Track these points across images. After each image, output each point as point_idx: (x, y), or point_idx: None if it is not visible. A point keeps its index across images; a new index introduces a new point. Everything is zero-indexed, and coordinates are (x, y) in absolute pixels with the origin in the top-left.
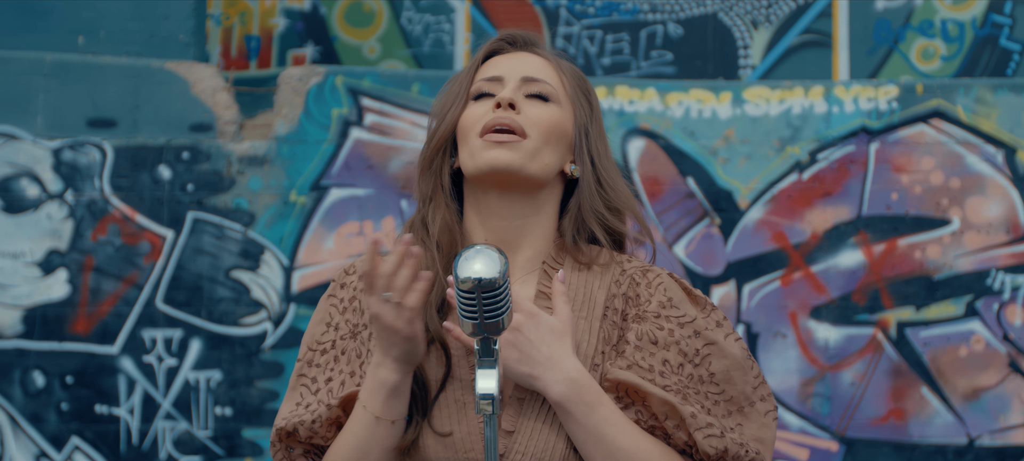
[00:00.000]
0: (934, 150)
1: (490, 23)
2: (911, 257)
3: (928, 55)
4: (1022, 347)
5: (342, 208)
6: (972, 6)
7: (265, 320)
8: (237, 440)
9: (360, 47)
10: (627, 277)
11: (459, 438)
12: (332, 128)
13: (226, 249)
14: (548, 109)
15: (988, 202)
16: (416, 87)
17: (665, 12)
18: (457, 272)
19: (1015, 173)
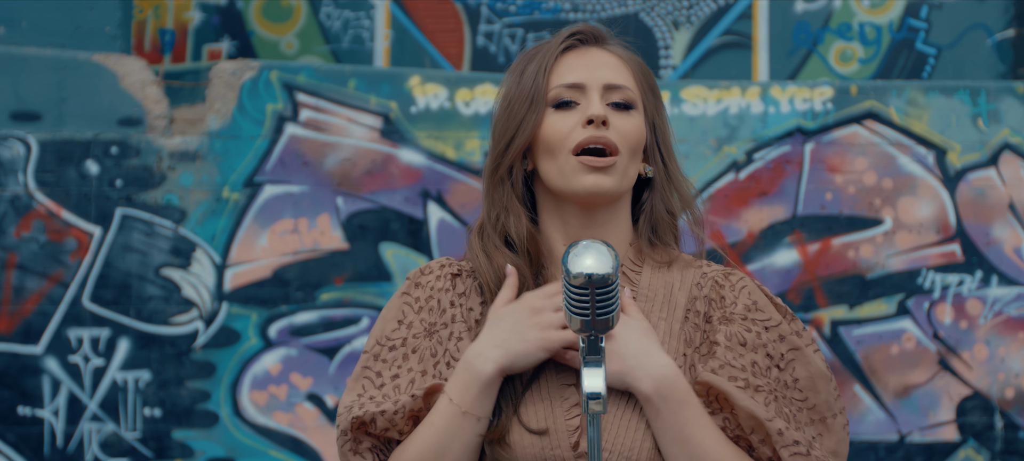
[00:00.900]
0: (867, 151)
1: (410, 20)
2: (845, 256)
3: (846, 57)
4: (951, 345)
5: (276, 205)
6: (889, 10)
7: (196, 319)
8: (167, 442)
9: (278, 42)
10: (709, 279)
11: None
12: (266, 124)
13: (156, 246)
14: (632, 119)
15: (919, 202)
16: (352, 83)
17: (586, 11)
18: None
19: (945, 174)
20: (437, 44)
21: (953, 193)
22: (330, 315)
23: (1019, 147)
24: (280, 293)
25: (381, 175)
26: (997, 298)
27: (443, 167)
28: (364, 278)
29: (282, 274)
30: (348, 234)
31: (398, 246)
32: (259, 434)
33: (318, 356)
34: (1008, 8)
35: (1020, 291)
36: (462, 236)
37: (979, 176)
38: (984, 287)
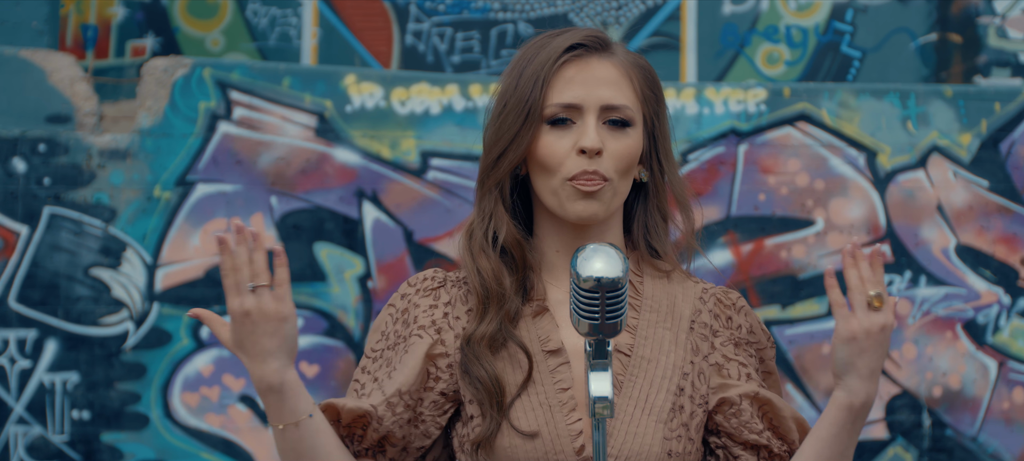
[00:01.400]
0: (800, 152)
1: (338, 18)
2: (777, 257)
3: (773, 60)
4: None
5: (209, 204)
6: (815, 13)
7: (127, 320)
8: (95, 445)
9: (203, 39)
10: (710, 296)
11: (546, 438)
12: (199, 121)
13: (85, 246)
14: (627, 138)
15: (850, 203)
16: (287, 81)
17: (516, 11)
18: (577, 271)
19: (876, 175)
20: (365, 42)
21: (883, 195)
22: None
23: (947, 150)
24: (213, 293)
25: (316, 174)
26: (925, 298)
27: (378, 166)
28: (298, 278)
29: (215, 274)
30: (282, 234)
31: (333, 246)
32: (190, 436)
33: None
34: (931, 12)
35: (948, 291)
36: (397, 236)
37: (908, 178)
38: (913, 287)
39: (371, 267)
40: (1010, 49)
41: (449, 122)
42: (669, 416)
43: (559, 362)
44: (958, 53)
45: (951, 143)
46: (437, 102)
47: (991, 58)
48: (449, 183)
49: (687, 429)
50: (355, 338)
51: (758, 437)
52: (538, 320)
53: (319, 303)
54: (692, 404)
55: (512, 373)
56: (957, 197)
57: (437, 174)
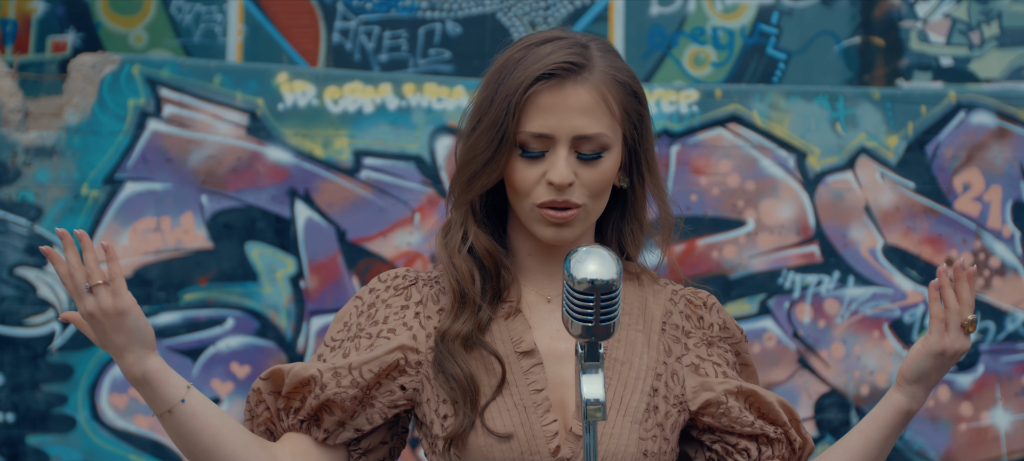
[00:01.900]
0: (731, 153)
1: (264, 15)
2: (709, 257)
3: (700, 61)
4: (810, 344)
5: (138, 203)
6: (741, 15)
7: (53, 320)
8: (20, 448)
9: (126, 35)
10: (681, 297)
11: (521, 439)
12: (128, 119)
13: (10, 245)
14: (601, 166)
15: (780, 204)
16: (218, 79)
17: (443, 10)
18: (571, 273)
19: (805, 177)
20: (292, 40)
21: (812, 195)
22: (194, 316)
23: (874, 151)
24: (142, 293)
25: (247, 173)
26: (853, 298)
27: (311, 165)
28: (229, 278)
29: (144, 274)
30: (213, 233)
31: (264, 245)
32: (119, 439)
33: (181, 358)
34: (855, 16)
35: (875, 291)
36: (330, 235)
37: (837, 179)
38: (841, 287)
39: (303, 267)
40: (931, 53)
41: (382, 121)
42: (644, 416)
43: (532, 363)
44: (881, 56)
45: (879, 145)
46: (370, 101)
47: (913, 61)
48: (382, 182)
49: (662, 429)
50: (287, 338)
51: (751, 428)
52: (511, 322)
53: (251, 303)
54: (666, 404)
55: (486, 375)
56: (884, 198)
57: (370, 173)
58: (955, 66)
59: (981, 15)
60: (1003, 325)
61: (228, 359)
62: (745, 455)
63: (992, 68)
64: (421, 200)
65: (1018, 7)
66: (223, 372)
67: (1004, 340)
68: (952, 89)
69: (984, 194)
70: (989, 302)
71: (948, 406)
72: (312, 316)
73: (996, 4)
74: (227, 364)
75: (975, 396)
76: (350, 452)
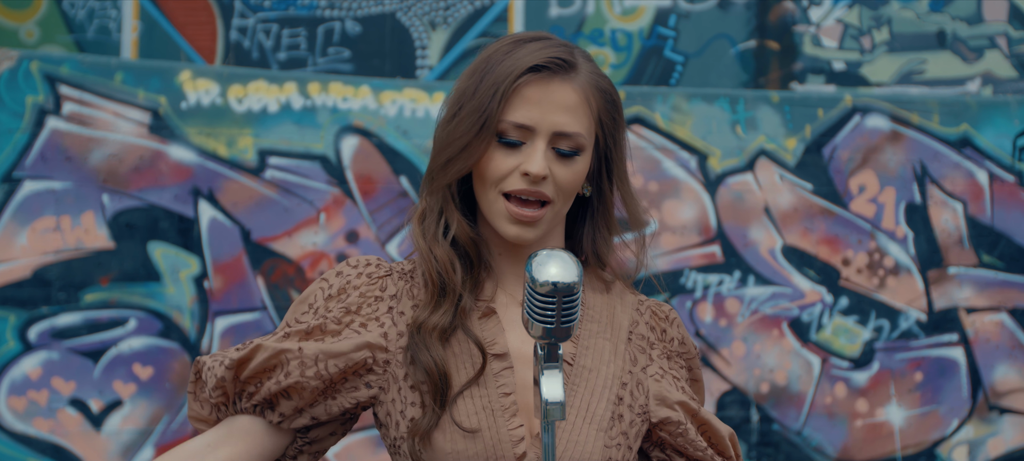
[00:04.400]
0: (634, 154)
1: (160, 12)
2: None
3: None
4: (712, 342)
5: (37, 201)
6: (639, 18)
7: None
8: None
9: (17, 30)
10: (646, 308)
11: (486, 437)
12: (26, 116)
13: None
14: (574, 166)
15: (682, 205)
16: (119, 76)
17: (343, 9)
18: (533, 275)
19: (707, 178)
20: (189, 38)
21: (714, 196)
22: (95, 317)
23: (773, 153)
24: (41, 294)
25: (150, 172)
26: (754, 297)
27: (215, 164)
28: (132, 278)
29: (43, 274)
30: (114, 232)
31: (168, 245)
32: (18, 442)
33: (82, 359)
34: (750, 20)
35: (775, 290)
36: (234, 235)
37: (737, 180)
38: (742, 287)
39: (207, 267)
40: (824, 57)
41: (287, 120)
42: (609, 425)
43: (503, 366)
44: (776, 60)
45: (777, 147)
46: (275, 100)
47: (807, 65)
48: (287, 182)
49: (626, 437)
50: (191, 339)
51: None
52: (484, 322)
53: (153, 304)
54: (631, 413)
55: (457, 370)
56: (783, 199)
57: (275, 173)
58: (847, 70)
59: (872, 21)
60: (897, 323)
61: (131, 360)
62: None
63: (883, 72)
64: (326, 200)
65: (907, 13)
66: (126, 373)
67: (898, 338)
68: (847, 93)
69: (878, 195)
70: (883, 301)
71: (844, 402)
72: (216, 317)
73: (887, 10)
74: (130, 365)
75: (870, 393)
76: (297, 438)
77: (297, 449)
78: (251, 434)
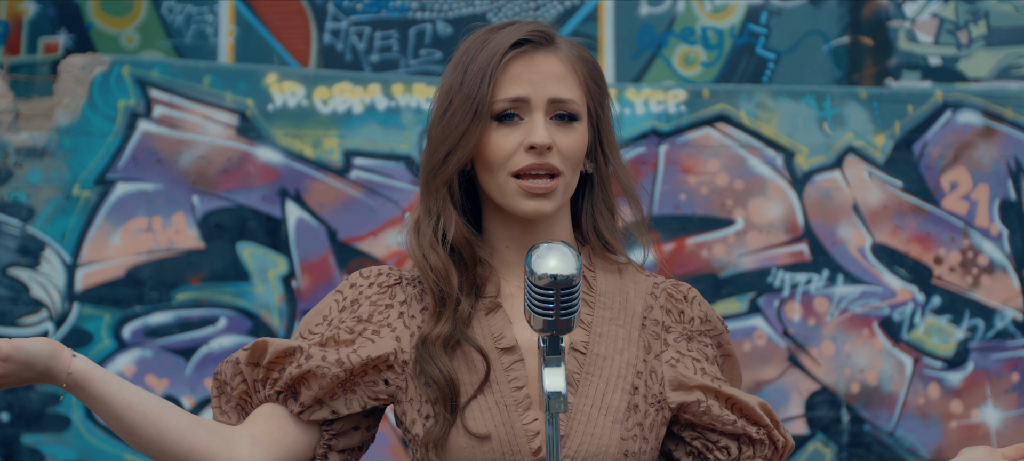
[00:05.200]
0: (719, 153)
1: (255, 16)
2: (698, 256)
3: (689, 61)
4: (800, 342)
5: (129, 203)
6: (730, 15)
7: (46, 320)
8: (16, 447)
9: (117, 36)
10: (661, 291)
11: (498, 440)
12: (118, 120)
13: (2, 245)
14: (575, 133)
15: (769, 203)
16: (208, 79)
17: (434, 10)
18: (532, 268)
19: (793, 176)
20: (283, 41)
21: (801, 194)
22: (186, 315)
23: (862, 150)
24: (134, 293)
25: (237, 173)
26: (843, 296)
27: (301, 165)
28: (221, 278)
29: (136, 274)
30: (204, 233)
31: (256, 245)
32: (113, 438)
33: (174, 357)
34: (843, 16)
35: (864, 289)
36: (321, 235)
37: (825, 178)
38: (830, 285)
39: (295, 266)
40: (919, 52)
41: (372, 121)
42: (625, 415)
43: (513, 359)
44: (870, 56)
45: (866, 144)
46: (359, 101)
47: (901, 61)
48: (372, 182)
49: (642, 428)
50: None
51: (733, 427)
52: (491, 317)
53: (243, 303)
54: (646, 403)
55: (467, 373)
56: (872, 197)
57: (360, 173)
58: (943, 65)
59: (969, 15)
60: (992, 323)
61: (221, 358)
62: (725, 453)
63: (980, 67)
64: (411, 199)
65: (1005, 7)
66: None
67: (993, 338)
68: (938, 88)
69: (971, 192)
70: (978, 300)
71: (938, 403)
72: (304, 315)
73: (983, 4)
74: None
75: (965, 394)
76: (322, 433)
77: (325, 446)
78: (276, 420)
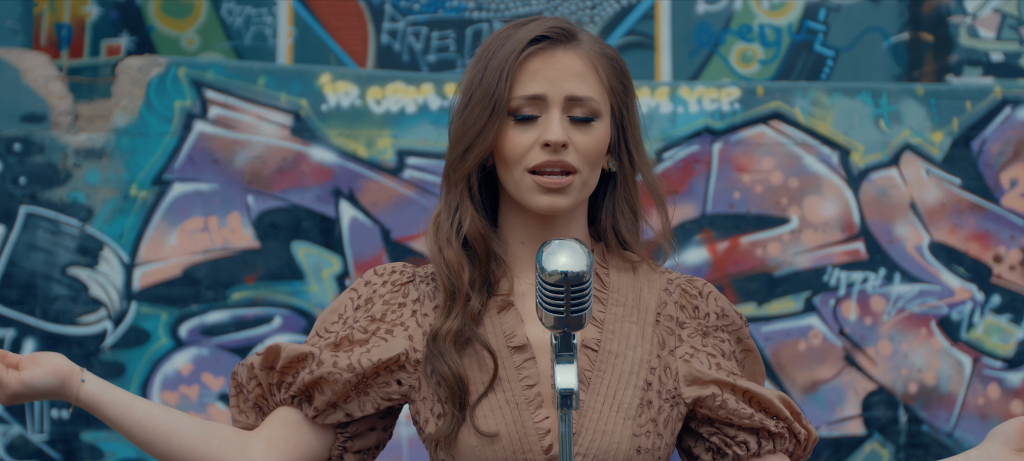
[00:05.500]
0: (774, 151)
1: (313, 17)
2: (753, 254)
3: (747, 59)
4: (857, 341)
5: (186, 203)
6: (788, 12)
7: (104, 319)
8: (75, 444)
9: (178, 38)
10: (676, 287)
11: (507, 439)
12: (174, 121)
13: (62, 245)
14: (594, 132)
15: (824, 201)
16: (262, 80)
17: (491, 10)
18: (542, 265)
19: (849, 173)
20: (341, 42)
21: (857, 192)
22: (242, 314)
23: (919, 147)
24: (190, 292)
25: (292, 173)
26: (900, 295)
27: (355, 165)
28: (276, 277)
29: (192, 273)
30: (259, 232)
31: (310, 244)
32: None
33: (230, 355)
34: (903, 12)
35: (922, 288)
36: (375, 235)
37: (881, 176)
38: (887, 284)
39: (349, 265)
40: (981, 48)
41: (425, 121)
42: (637, 412)
43: (524, 358)
44: (930, 52)
45: (923, 141)
46: (412, 101)
47: (962, 57)
48: (425, 182)
49: (656, 424)
50: None
51: (751, 421)
52: (503, 315)
53: (297, 301)
54: (660, 399)
55: (478, 372)
56: (930, 195)
57: (413, 173)
58: (1006, 61)
59: None
60: None
61: None
62: (744, 447)
63: None
64: None
65: None
66: None
67: None
68: (998, 84)
69: None
70: None
71: (998, 404)
72: None
73: None
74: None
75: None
76: (338, 435)
77: (340, 447)
78: (291, 423)
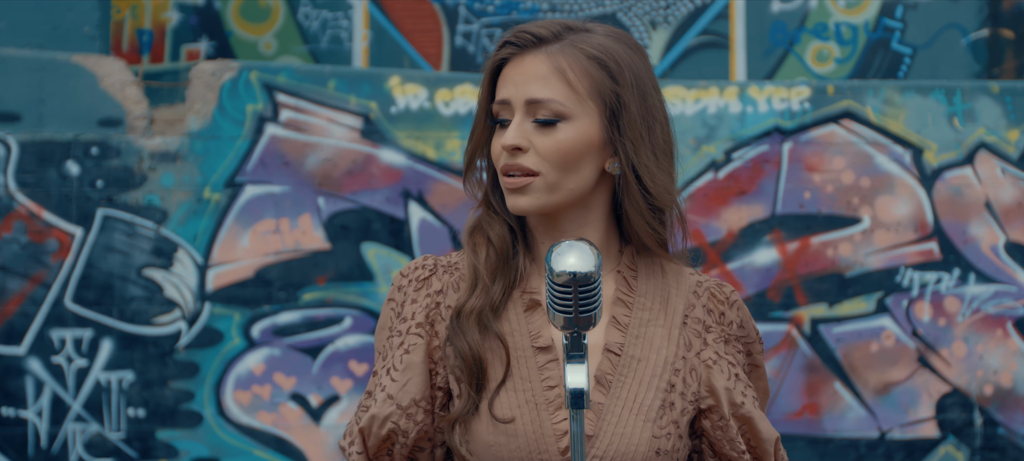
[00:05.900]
0: (845, 150)
1: (388, 20)
2: (823, 255)
3: (823, 57)
4: (930, 342)
5: (258, 205)
6: (865, 10)
7: (179, 319)
8: (151, 442)
9: (256, 43)
10: (705, 290)
11: (524, 435)
12: (247, 124)
13: (138, 247)
14: (557, 135)
15: (897, 201)
16: (332, 83)
17: (564, 11)
18: (551, 266)
19: (922, 173)
20: (416, 44)
21: (930, 192)
22: (313, 315)
23: (994, 146)
24: (263, 293)
25: (362, 175)
26: (975, 296)
27: (424, 167)
28: (346, 278)
29: (264, 274)
30: (330, 234)
31: (380, 246)
32: (243, 434)
33: (301, 356)
34: (982, 8)
35: (997, 288)
36: (443, 236)
37: (955, 175)
38: (962, 285)
39: None
40: None
41: None
42: (658, 414)
43: (548, 359)
44: (1011, 49)
45: (999, 140)
46: None
47: None
48: None
49: (677, 426)
50: None
51: (739, 456)
52: (530, 315)
53: (367, 302)
54: (683, 401)
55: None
56: (1005, 194)
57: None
58: None
59: None
60: None
61: (347, 357)
62: None
63: None
64: None
65: None
66: (342, 370)
67: None
68: None
69: None
70: None
71: None
72: None
73: None
74: (346, 362)
75: None
76: None
77: None
78: None
